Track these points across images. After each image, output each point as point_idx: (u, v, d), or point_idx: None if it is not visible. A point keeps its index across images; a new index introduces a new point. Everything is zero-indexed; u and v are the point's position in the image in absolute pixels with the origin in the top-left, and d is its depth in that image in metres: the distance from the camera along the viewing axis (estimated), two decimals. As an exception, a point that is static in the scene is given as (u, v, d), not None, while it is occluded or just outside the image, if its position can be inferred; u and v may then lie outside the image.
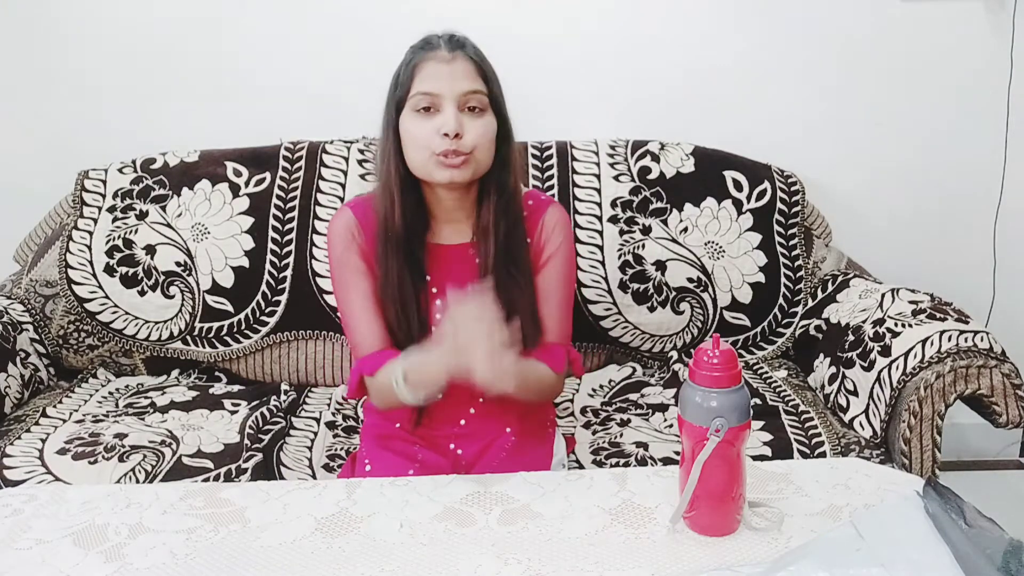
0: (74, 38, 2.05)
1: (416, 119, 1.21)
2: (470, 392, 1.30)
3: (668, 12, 2.04)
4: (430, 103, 1.20)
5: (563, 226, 1.33)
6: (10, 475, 1.45)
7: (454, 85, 1.20)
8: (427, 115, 1.21)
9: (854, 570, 0.84)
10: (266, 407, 1.68)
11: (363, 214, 1.31)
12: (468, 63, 1.22)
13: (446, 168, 1.20)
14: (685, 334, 1.89)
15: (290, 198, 1.88)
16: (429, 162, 1.21)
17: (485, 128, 1.22)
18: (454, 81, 1.20)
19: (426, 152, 1.20)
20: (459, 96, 1.20)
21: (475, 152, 1.21)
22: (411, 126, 1.21)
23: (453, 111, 1.19)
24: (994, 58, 2.05)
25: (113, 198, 1.90)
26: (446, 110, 1.20)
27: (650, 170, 1.91)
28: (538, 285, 1.31)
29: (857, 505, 1.00)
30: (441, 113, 1.20)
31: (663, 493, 1.03)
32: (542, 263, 1.32)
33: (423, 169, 1.23)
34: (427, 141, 1.20)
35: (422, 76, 1.21)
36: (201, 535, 0.98)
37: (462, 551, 0.94)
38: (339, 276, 1.31)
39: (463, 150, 1.20)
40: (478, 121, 1.22)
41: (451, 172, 1.21)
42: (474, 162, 1.22)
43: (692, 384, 0.94)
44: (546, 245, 1.31)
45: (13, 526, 1.01)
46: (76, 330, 1.88)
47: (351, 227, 1.30)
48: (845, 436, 1.54)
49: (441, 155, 1.19)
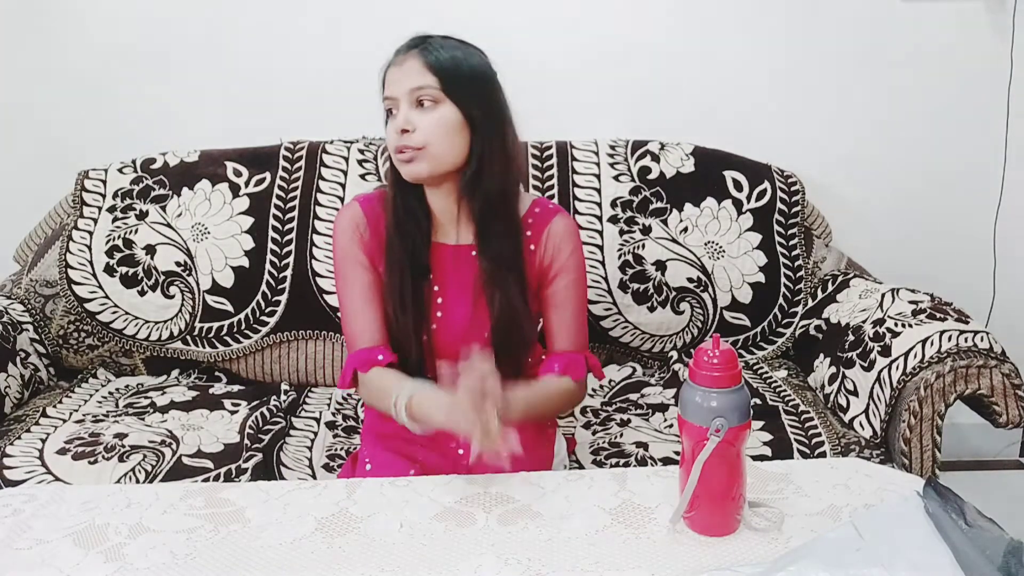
0: (74, 38, 2.05)
1: (387, 123, 1.27)
2: None
3: (668, 12, 2.04)
4: (391, 106, 1.25)
5: (571, 236, 1.33)
6: (10, 475, 1.45)
7: (403, 84, 1.23)
8: (392, 118, 1.25)
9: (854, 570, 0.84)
10: (266, 407, 1.68)
11: (370, 209, 1.33)
12: (417, 60, 1.24)
13: (403, 164, 1.25)
14: (685, 334, 1.89)
15: (290, 198, 1.88)
16: (396, 160, 1.25)
17: (436, 120, 1.23)
18: (403, 80, 1.24)
19: (393, 152, 1.25)
20: (407, 93, 1.23)
21: (428, 147, 1.22)
22: (386, 129, 1.27)
23: (405, 109, 1.23)
24: (994, 58, 2.05)
25: (113, 198, 1.90)
26: (401, 110, 1.24)
27: (650, 170, 1.91)
28: (551, 296, 1.33)
29: (857, 505, 1.00)
30: (398, 113, 1.24)
31: (663, 493, 1.03)
32: (553, 275, 1.32)
33: (398, 168, 1.27)
34: (392, 140, 1.25)
35: (386, 83, 1.26)
36: (201, 535, 0.98)
37: (462, 551, 0.94)
38: (341, 268, 1.33)
39: (412, 144, 1.22)
40: (428, 114, 1.23)
41: (407, 168, 1.24)
42: (428, 156, 1.23)
43: (692, 384, 0.94)
44: (555, 256, 1.32)
45: (13, 526, 1.01)
46: (76, 330, 1.88)
47: (357, 221, 1.32)
48: (845, 436, 1.54)
49: (397, 151, 1.24)
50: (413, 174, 1.24)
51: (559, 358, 1.32)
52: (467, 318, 1.31)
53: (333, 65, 2.04)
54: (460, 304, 1.32)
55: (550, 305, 1.33)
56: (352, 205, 1.35)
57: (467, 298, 1.31)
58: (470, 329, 1.31)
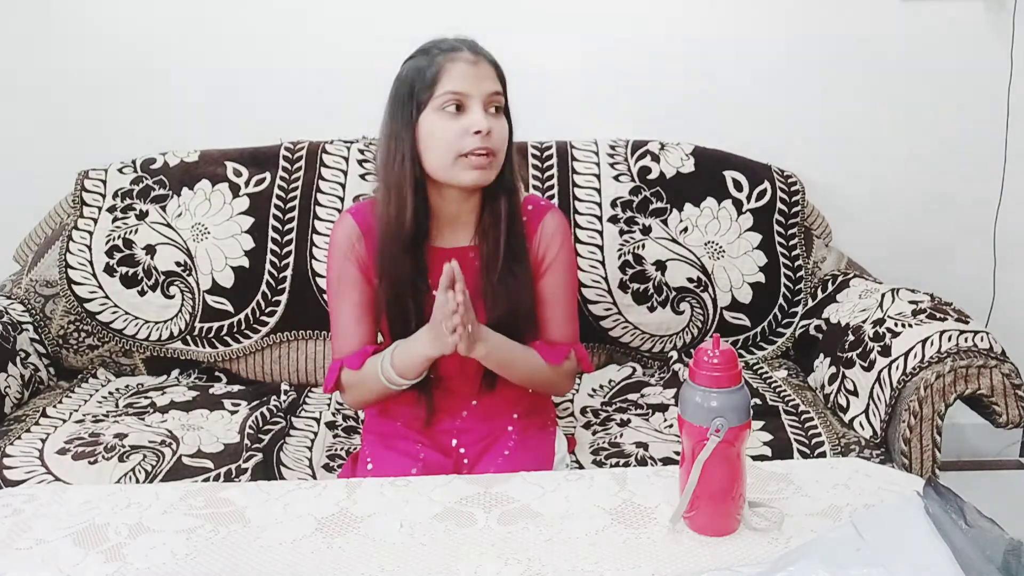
0: (74, 38, 2.05)
1: (442, 119, 1.22)
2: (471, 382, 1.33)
3: (668, 12, 2.04)
4: (458, 102, 1.21)
5: (562, 231, 1.36)
6: (10, 475, 1.45)
7: (481, 85, 1.22)
8: (454, 115, 1.22)
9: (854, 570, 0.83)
10: (266, 407, 1.68)
11: (364, 221, 1.33)
12: (490, 66, 1.25)
13: (473, 169, 1.22)
14: (685, 334, 1.89)
15: (290, 198, 1.88)
16: (455, 164, 1.22)
17: (505, 129, 1.25)
18: (481, 82, 1.22)
19: (452, 153, 1.21)
20: (485, 97, 1.22)
21: (498, 154, 1.24)
22: (436, 126, 1.22)
23: (481, 110, 1.21)
24: (994, 58, 2.05)
25: (113, 198, 1.90)
26: (474, 110, 1.21)
27: (650, 170, 1.91)
28: (542, 290, 1.34)
29: (857, 505, 1.00)
30: (468, 113, 1.21)
31: (663, 493, 1.03)
32: (544, 268, 1.34)
33: (445, 171, 1.23)
34: (454, 141, 1.21)
35: (450, 76, 1.22)
36: (201, 535, 0.98)
37: (462, 551, 0.94)
38: (334, 284, 1.34)
39: (492, 147, 1.22)
40: (499, 122, 1.24)
41: (478, 173, 1.22)
42: (496, 162, 1.24)
43: (692, 384, 0.94)
44: (547, 251, 1.34)
45: (13, 526, 1.01)
46: (76, 330, 1.88)
47: (351, 236, 1.32)
48: (845, 436, 1.54)
49: (470, 155, 1.21)
50: (483, 179, 1.23)
51: (541, 344, 1.33)
52: None
53: (333, 65, 2.04)
54: None
55: (542, 297, 1.35)
56: (346, 219, 1.34)
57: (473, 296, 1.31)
58: None
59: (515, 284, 1.29)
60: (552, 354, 1.33)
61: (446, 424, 1.37)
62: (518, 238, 1.31)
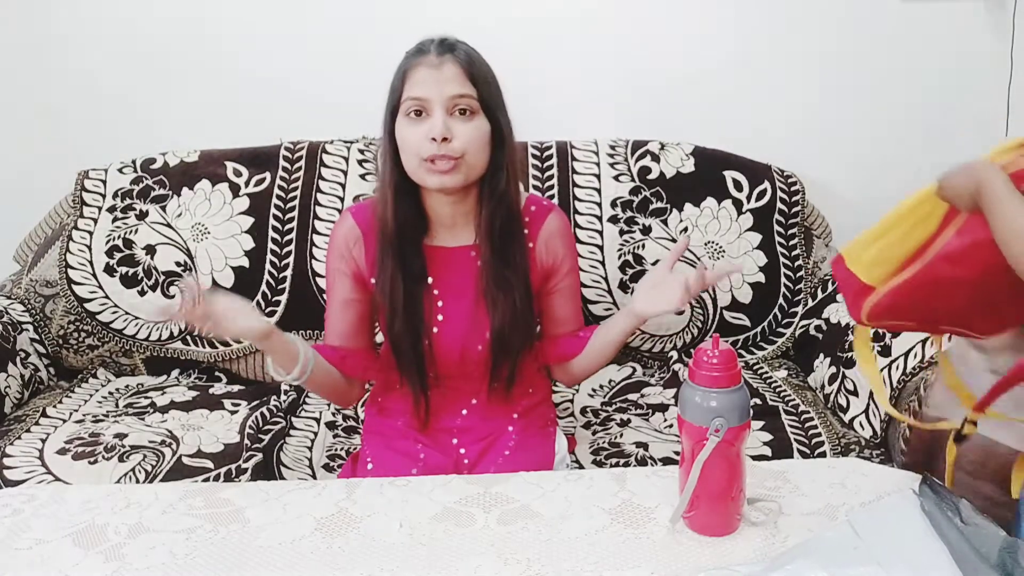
0: (74, 38, 2.05)
1: (408, 124, 1.22)
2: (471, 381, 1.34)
3: (668, 12, 2.04)
4: (420, 107, 1.21)
5: (566, 231, 1.38)
6: (10, 475, 1.45)
7: (442, 89, 1.20)
8: (417, 120, 1.22)
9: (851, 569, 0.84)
10: (266, 407, 1.68)
11: (364, 220, 1.33)
12: (456, 67, 1.22)
13: (435, 174, 1.21)
14: (685, 334, 1.89)
15: (290, 198, 1.88)
16: (420, 168, 1.22)
17: (475, 131, 1.22)
18: (442, 85, 1.21)
19: (416, 158, 1.22)
20: (447, 100, 1.21)
21: (465, 156, 1.21)
22: (403, 131, 1.23)
23: (441, 115, 1.20)
24: (994, 58, 2.05)
25: (113, 198, 1.90)
26: (435, 114, 1.20)
27: (650, 170, 1.91)
28: (558, 289, 1.38)
29: (854, 504, 1.00)
30: (430, 118, 1.21)
31: (663, 493, 1.03)
32: (556, 270, 1.36)
33: (415, 174, 1.24)
34: (417, 146, 1.21)
35: (412, 81, 1.22)
36: (201, 535, 0.98)
37: (462, 551, 0.94)
38: (329, 279, 1.37)
39: (452, 154, 1.20)
40: (468, 124, 1.22)
41: (440, 178, 1.21)
42: (465, 166, 1.22)
43: (692, 384, 0.94)
44: (555, 254, 1.36)
45: (13, 526, 1.01)
46: (76, 330, 1.88)
47: (350, 237, 1.33)
48: (845, 436, 1.54)
49: (429, 160, 1.20)
50: (447, 184, 1.22)
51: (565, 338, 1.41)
52: (468, 320, 1.32)
53: (333, 65, 2.04)
54: (460, 306, 1.32)
55: (557, 297, 1.39)
56: (346, 218, 1.35)
57: (467, 300, 1.32)
58: (471, 331, 1.32)
59: (512, 285, 1.30)
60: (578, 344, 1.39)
61: (446, 423, 1.38)
62: (516, 239, 1.31)
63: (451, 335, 1.32)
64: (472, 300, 1.32)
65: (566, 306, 1.40)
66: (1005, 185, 0.87)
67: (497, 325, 1.29)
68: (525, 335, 1.34)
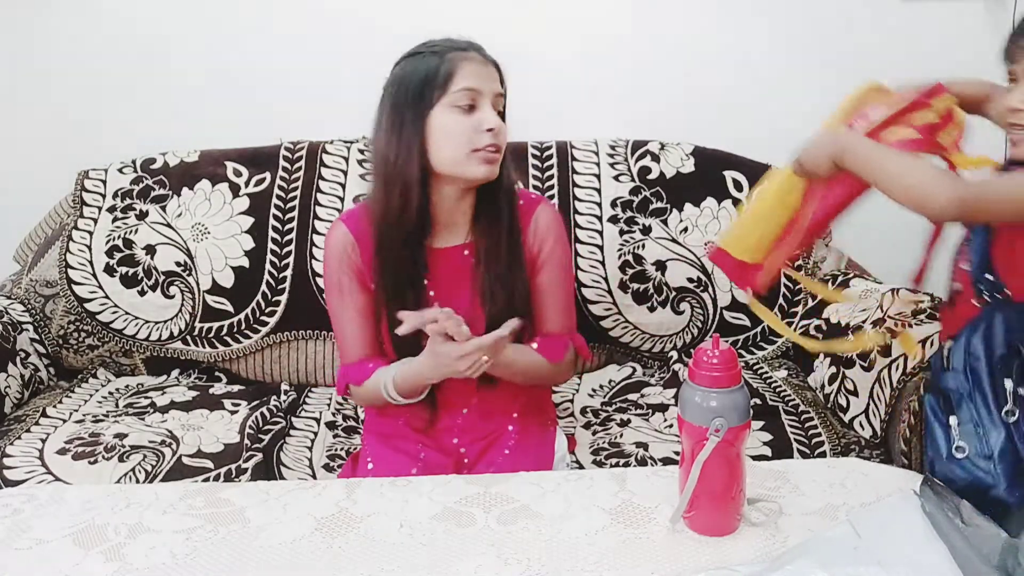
0: (74, 38, 2.05)
1: (455, 115, 1.24)
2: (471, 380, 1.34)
3: (668, 12, 2.04)
4: (472, 99, 1.24)
5: (556, 224, 1.39)
6: (10, 475, 1.45)
7: (492, 85, 1.27)
8: (466, 112, 1.25)
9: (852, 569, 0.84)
10: (266, 407, 1.68)
11: (356, 227, 1.34)
12: (496, 69, 1.29)
13: (484, 164, 1.25)
14: (685, 334, 1.89)
15: (290, 198, 1.88)
16: (468, 158, 1.25)
17: (506, 129, 1.29)
18: (492, 82, 1.27)
19: (465, 148, 1.24)
20: (493, 96, 1.27)
21: (502, 150, 1.27)
22: (448, 121, 1.24)
23: (491, 109, 1.26)
24: (994, 58, 2.05)
25: (113, 198, 1.90)
26: (485, 108, 1.25)
27: (650, 170, 1.91)
28: (539, 283, 1.37)
29: (854, 504, 1.00)
30: (479, 110, 1.25)
31: (663, 493, 1.03)
32: (540, 262, 1.36)
33: (456, 165, 1.26)
34: (468, 136, 1.24)
35: (464, 74, 1.24)
36: (201, 535, 0.99)
37: (462, 551, 0.94)
38: (334, 293, 1.36)
39: (501, 145, 1.26)
40: (503, 121, 1.28)
41: (488, 168, 1.26)
42: (502, 159, 1.28)
43: (692, 384, 0.94)
44: (542, 245, 1.36)
45: (13, 526, 1.01)
46: (76, 330, 1.88)
47: (345, 244, 1.34)
48: (845, 436, 1.54)
49: (483, 150, 1.24)
50: (492, 174, 1.27)
51: (539, 339, 1.37)
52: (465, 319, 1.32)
53: (333, 65, 2.04)
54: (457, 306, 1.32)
55: (539, 291, 1.37)
56: (338, 227, 1.35)
57: (463, 300, 1.32)
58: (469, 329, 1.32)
59: (512, 280, 1.32)
60: (552, 350, 1.35)
61: (446, 422, 1.38)
62: (516, 235, 1.34)
63: None
64: (467, 299, 1.32)
65: (545, 302, 1.37)
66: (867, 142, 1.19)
67: (493, 320, 1.29)
68: (523, 330, 1.34)
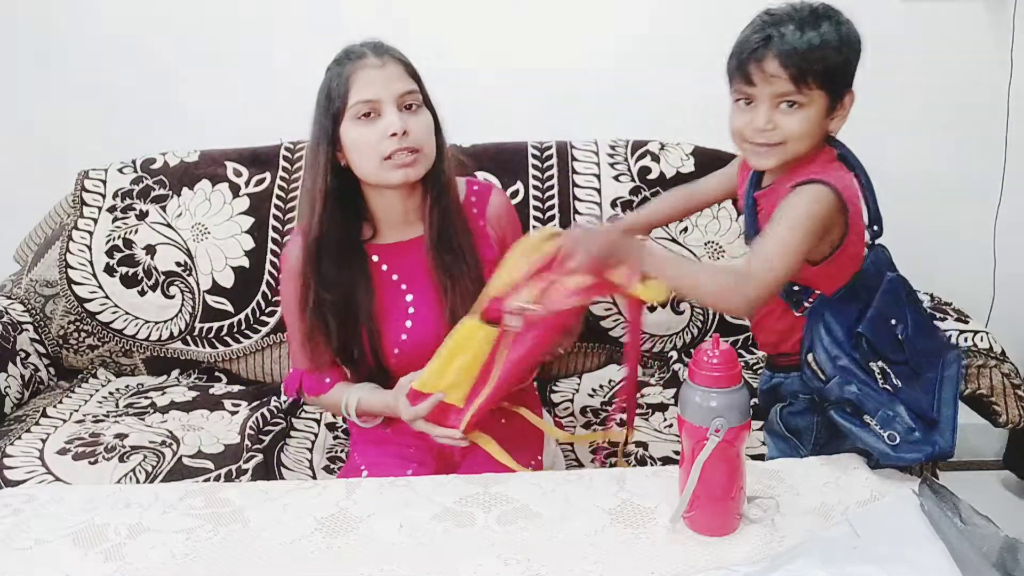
0: (74, 38, 2.05)
1: (359, 127, 1.25)
2: None
3: (668, 12, 2.03)
4: (370, 109, 1.24)
5: (508, 205, 1.45)
6: (10, 475, 1.45)
7: (390, 87, 1.25)
8: (369, 121, 1.24)
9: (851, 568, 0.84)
10: (266, 408, 1.68)
11: None
12: (397, 65, 1.27)
13: (399, 168, 1.24)
14: (685, 334, 1.89)
15: (290, 198, 1.88)
16: (381, 167, 1.25)
17: (425, 123, 1.28)
18: (389, 84, 1.25)
19: (376, 158, 1.24)
20: (396, 97, 1.25)
21: (422, 148, 1.26)
22: (354, 135, 1.25)
23: (394, 112, 1.24)
24: (994, 58, 2.05)
25: (113, 198, 1.90)
26: (387, 113, 1.24)
27: (650, 170, 1.90)
28: None
29: (849, 503, 1.00)
30: (383, 117, 1.24)
31: (663, 493, 1.03)
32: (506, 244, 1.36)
33: (375, 175, 1.26)
34: (375, 146, 1.24)
35: (358, 84, 1.25)
36: (201, 535, 0.99)
37: (462, 551, 0.94)
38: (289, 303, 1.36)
39: (413, 146, 1.24)
40: (418, 118, 1.26)
41: (405, 171, 1.25)
42: (423, 157, 1.27)
43: (692, 384, 0.94)
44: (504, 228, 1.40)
45: (13, 526, 1.01)
46: (76, 330, 1.88)
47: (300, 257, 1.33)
48: (845, 436, 1.54)
49: (391, 156, 1.23)
50: (411, 177, 1.26)
51: None
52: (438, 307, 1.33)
53: (333, 65, 2.03)
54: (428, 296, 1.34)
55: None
56: (295, 239, 1.35)
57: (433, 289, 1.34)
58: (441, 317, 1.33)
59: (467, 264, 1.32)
60: None
61: None
62: (461, 222, 1.35)
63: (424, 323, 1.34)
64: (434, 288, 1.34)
65: None
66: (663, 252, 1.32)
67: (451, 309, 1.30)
68: None
